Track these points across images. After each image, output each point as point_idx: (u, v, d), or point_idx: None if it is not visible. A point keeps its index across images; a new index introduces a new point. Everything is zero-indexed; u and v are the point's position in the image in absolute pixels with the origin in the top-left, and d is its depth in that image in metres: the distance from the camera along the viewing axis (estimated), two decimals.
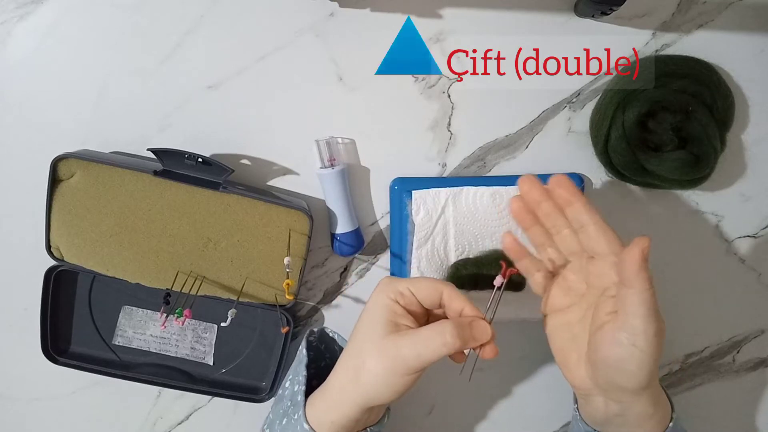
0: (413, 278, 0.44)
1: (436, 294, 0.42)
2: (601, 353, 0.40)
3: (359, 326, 0.43)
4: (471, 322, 0.41)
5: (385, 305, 0.42)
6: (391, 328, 0.41)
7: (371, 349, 0.41)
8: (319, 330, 0.50)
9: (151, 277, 0.52)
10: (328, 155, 0.51)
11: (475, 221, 0.51)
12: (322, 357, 0.51)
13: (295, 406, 0.45)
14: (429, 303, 0.42)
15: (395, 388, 0.40)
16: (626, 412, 0.42)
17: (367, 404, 0.41)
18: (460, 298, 0.42)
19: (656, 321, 0.38)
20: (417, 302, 0.42)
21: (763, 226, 0.56)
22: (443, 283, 0.42)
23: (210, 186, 0.49)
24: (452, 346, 0.39)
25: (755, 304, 0.58)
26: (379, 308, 0.42)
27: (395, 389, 0.40)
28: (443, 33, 0.51)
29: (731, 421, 0.60)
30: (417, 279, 0.43)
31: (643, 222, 0.55)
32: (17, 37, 0.50)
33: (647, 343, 0.38)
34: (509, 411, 0.60)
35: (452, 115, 0.53)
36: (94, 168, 0.49)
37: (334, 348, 0.51)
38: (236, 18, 0.50)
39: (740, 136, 0.54)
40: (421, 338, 0.40)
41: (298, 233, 0.51)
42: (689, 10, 0.51)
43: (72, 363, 0.55)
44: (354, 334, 0.43)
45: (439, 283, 0.42)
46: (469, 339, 0.40)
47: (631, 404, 0.42)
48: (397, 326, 0.41)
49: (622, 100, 0.50)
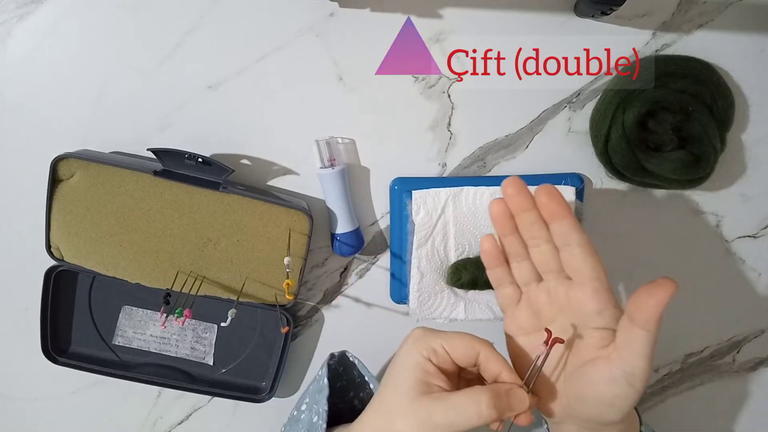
0: (448, 334, 0.40)
1: (472, 353, 0.39)
2: (593, 390, 0.38)
3: (388, 381, 0.40)
4: (509, 390, 0.38)
5: (417, 363, 0.39)
6: (423, 388, 0.38)
7: (401, 411, 0.38)
8: (339, 353, 0.50)
9: (151, 277, 0.52)
10: (328, 155, 0.51)
11: (475, 221, 0.51)
12: (339, 378, 0.51)
13: None
14: (464, 362, 0.39)
15: None
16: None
17: None
18: (498, 360, 0.39)
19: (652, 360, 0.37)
20: (451, 361, 0.39)
21: (763, 226, 0.56)
22: (480, 342, 0.39)
23: (210, 186, 0.49)
24: (487, 417, 0.36)
25: (755, 304, 0.58)
26: (411, 366, 0.39)
27: None
28: (443, 33, 0.51)
29: (731, 421, 0.60)
30: (453, 335, 0.39)
31: (643, 222, 0.55)
32: (17, 37, 0.50)
33: (643, 382, 0.37)
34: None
35: (452, 115, 0.53)
36: (94, 168, 0.49)
37: (353, 372, 0.50)
38: (236, 18, 0.50)
39: (740, 136, 0.54)
40: (455, 406, 0.37)
41: (298, 233, 0.51)
42: (689, 10, 0.51)
43: (72, 363, 0.55)
44: (382, 390, 0.40)
45: (476, 342, 0.39)
46: (506, 410, 0.38)
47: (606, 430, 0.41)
48: (429, 386, 0.38)
49: (622, 100, 0.50)
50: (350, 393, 0.51)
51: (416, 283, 0.52)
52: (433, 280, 0.52)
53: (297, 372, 0.58)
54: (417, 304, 0.53)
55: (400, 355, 0.40)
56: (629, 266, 0.56)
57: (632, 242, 0.56)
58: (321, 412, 0.45)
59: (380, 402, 0.40)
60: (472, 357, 0.39)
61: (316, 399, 0.46)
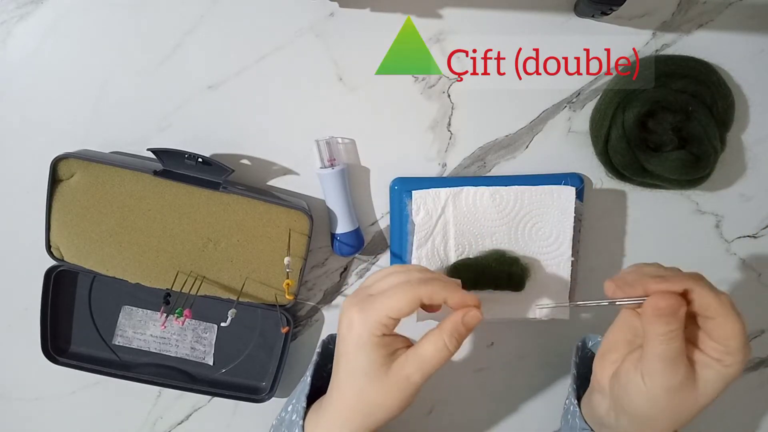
0: (385, 300, 0.40)
1: (416, 303, 0.39)
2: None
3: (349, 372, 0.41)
4: (462, 317, 0.40)
5: (371, 346, 0.40)
6: (389, 360, 0.40)
7: (378, 389, 0.40)
8: (329, 336, 0.51)
9: (151, 277, 0.52)
10: (328, 155, 0.51)
11: (475, 221, 0.51)
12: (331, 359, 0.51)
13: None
14: (414, 310, 0.40)
15: (404, 405, 0.41)
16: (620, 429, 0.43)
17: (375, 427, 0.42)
18: (439, 291, 0.40)
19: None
20: (400, 320, 0.40)
21: (763, 226, 0.56)
22: (414, 286, 0.40)
23: (210, 186, 0.49)
24: (454, 350, 0.40)
25: (755, 304, 0.58)
26: (367, 350, 0.40)
27: (404, 406, 0.41)
28: (443, 33, 0.51)
29: (731, 421, 0.60)
30: (390, 299, 0.40)
31: (644, 222, 0.55)
32: (17, 37, 0.50)
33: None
34: (509, 411, 0.60)
35: (452, 115, 0.53)
36: (94, 168, 0.49)
37: None
38: (236, 18, 0.50)
39: (740, 136, 0.54)
40: (425, 357, 0.40)
41: (298, 233, 0.51)
42: (689, 10, 0.51)
43: (72, 363, 0.55)
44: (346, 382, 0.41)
45: (412, 290, 0.39)
46: (466, 333, 0.40)
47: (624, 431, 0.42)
48: (394, 354, 0.41)
49: (622, 100, 0.50)
50: None
51: None
52: None
53: (297, 372, 0.58)
54: None
55: (351, 344, 0.40)
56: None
57: (632, 242, 0.56)
58: (299, 409, 0.45)
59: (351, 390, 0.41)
60: (417, 305, 0.40)
61: (299, 398, 0.47)
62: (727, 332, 0.37)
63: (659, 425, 0.40)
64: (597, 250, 0.55)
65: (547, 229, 0.52)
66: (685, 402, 0.38)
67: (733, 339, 0.37)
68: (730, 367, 0.37)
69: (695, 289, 0.37)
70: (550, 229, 0.52)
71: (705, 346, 0.38)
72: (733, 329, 0.37)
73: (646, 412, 0.39)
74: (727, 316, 0.37)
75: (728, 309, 0.37)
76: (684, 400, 0.38)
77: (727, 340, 0.37)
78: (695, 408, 0.39)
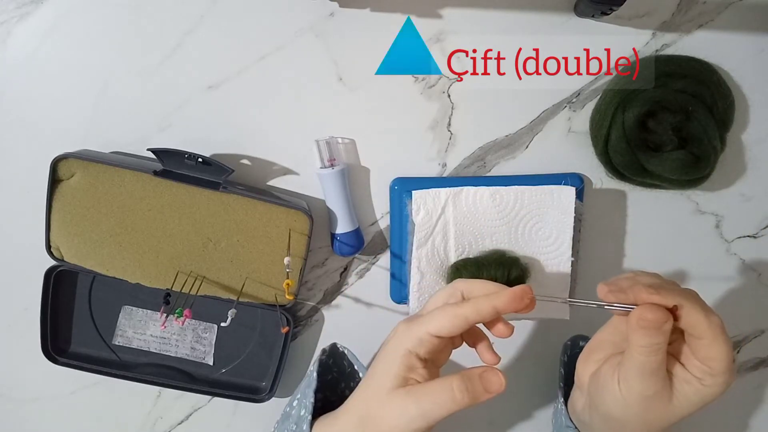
0: (431, 317, 0.39)
1: (459, 322, 0.39)
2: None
3: (371, 373, 0.41)
4: (482, 373, 0.39)
5: (401, 359, 0.39)
6: (400, 382, 0.39)
7: (378, 404, 0.39)
8: (330, 346, 0.50)
9: (151, 277, 0.52)
10: (328, 155, 0.51)
11: (475, 221, 0.51)
12: (330, 371, 0.51)
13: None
14: (456, 332, 0.39)
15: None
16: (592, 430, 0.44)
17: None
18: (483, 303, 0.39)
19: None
20: (440, 340, 0.39)
21: (763, 226, 0.56)
22: (458, 306, 0.39)
23: (210, 186, 0.49)
24: (461, 402, 0.38)
25: (755, 304, 0.58)
26: (395, 361, 0.39)
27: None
28: (443, 33, 0.51)
29: (731, 421, 0.60)
30: (434, 316, 0.39)
31: (644, 222, 0.55)
32: (17, 37, 0.50)
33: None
34: (508, 411, 0.60)
35: (452, 115, 0.53)
36: (94, 168, 0.49)
37: (343, 363, 0.51)
38: (236, 18, 0.50)
39: (740, 136, 0.54)
40: (428, 394, 0.38)
41: (298, 233, 0.51)
42: (689, 10, 0.51)
43: (72, 363, 0.55)
44: (366, 380, 0.42)
45: (454, 309, 0.39)
46: (481, 393, 0.39)
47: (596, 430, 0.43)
48: (407, 381, 0.39)
49: (622, 100, 0.50)
50: (341, 384, 0.51)
51: (416, 283, 0.52)
52: (433, 281, 0.53)
53: (297, 372, 0.58)
54: (417, 305, 0.53)
55: (387, 350, 0.41)
56: (629, 266, 0.56)
57: (632, 242, 0.56)
58: (307, 404, 0.45)
59: (361, 393, 0.41)
60: (462, 326, 0.39)
61: (306, 393, 0.47)
62: (713, 354, 0.36)
63: (630, 429, 0.40)
64: (597, 250, 0.55)
65: (547, 229, 0.52)
66: (657, 412, 0.38)
67: (718, 362, 0.36)
68: (709, 387, 0.37)
69: (686, 306, 0.36)
70: (550, 229, 0.52)
71: (688, 362, 0.38)
72: (719, 352, 0.36)
73: (618, 416, 0.39)
74: (715, 339, 0.36)
75: (717, 332, 0.36)
76: (657, 410, 0.38)
77: (712, 362, 0.37)
78: (667, 420, 0.39)
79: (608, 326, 0.44)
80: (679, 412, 0.38)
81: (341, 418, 0.42)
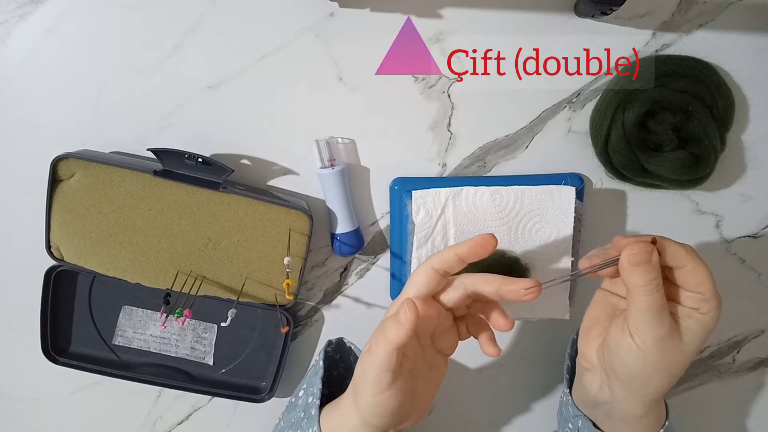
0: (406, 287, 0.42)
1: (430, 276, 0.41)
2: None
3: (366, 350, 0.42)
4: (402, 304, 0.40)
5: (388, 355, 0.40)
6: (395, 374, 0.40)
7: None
8: (337, 340, 0.50)
9: (151, 277, 0.52)
10: (328, 155, 0.51)
11: (475, 221, 0.51)
12: (336, 366, 0.51)
13: (309, 419, 0.44)
14: (433, 287, 0.41)
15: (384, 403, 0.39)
16: (614, 405, 0.43)
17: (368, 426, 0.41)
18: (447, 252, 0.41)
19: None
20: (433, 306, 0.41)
21: (763, 226, 0.56)
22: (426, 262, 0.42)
23: (210, 186, 0.49)
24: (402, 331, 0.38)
25: (755, 304, 0.58)
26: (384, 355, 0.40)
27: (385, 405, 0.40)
28: (443, 33, 0.51)
29: (731, 421, 0.60)
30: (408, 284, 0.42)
31: (644, 222, 0.55)
32: (17, 37, 0.50)
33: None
34: (509, 411, 0.60)
35: (452, 115, 0.53)
36: (94, 168, 0.49)
37: (350, 359, 0.51)
38: (236, 18, 0.50)
39: (740, 136, 0.54)
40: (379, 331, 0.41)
41: (298, 233, 0.51)
42: (689, 10, 0.51)
43: (72, 363, 0.55)
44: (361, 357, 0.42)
45: (424, 265, 0.42)
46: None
47: (621, 400, 0.43)
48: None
49: (622, 100, 0.50)
50: (347, 380, 0.51)
51: None
52: None
53: (297, 372, 0.58)
54: None
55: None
56: None
57: None
58: (315, 391, 0.46)
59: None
60: (433, 277, 0.41)
61: (312, 381, 0.47)
62: (699, 277, 0.40)
63: (653, 384, 0.41)
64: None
65: (547, 229, 0.52)
66: (674, 353, 0.40)
67: (705, 284, 0.40)
68: (707, 314, 0.40)
69: (663, 241, 0.40)
70: (550, 229, 0.52)
71: (682, 298, 0.41)
72: (703, 273, 0.40)
73: (640, 372, 0.41)
74: (696, 262, 0.40)
75: (695, 255, 0.40)
76: (673, 351, 0.40)
77: (701, 286, 0.40)
78: (684, 360, 0.41)
79: (594, 303, 0.46)
80: (690, 349, 0.41)
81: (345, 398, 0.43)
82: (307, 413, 0.45)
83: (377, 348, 0.39)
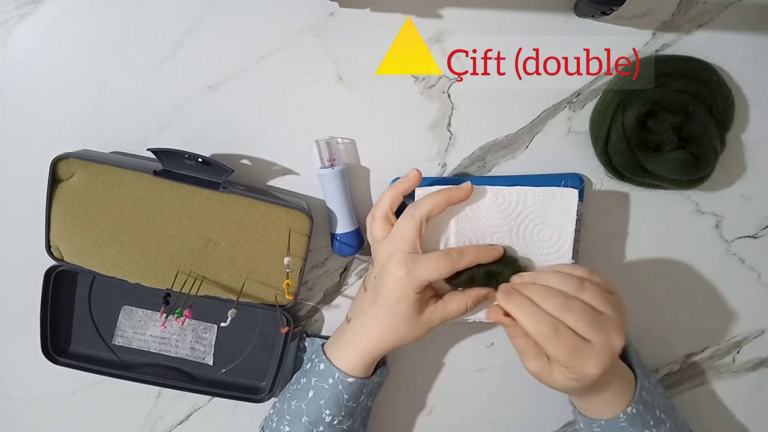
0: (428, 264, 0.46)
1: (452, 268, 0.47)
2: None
3: (390, 309, 0.47)
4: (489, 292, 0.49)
5: (415, 299, 0.47)
6: (423, 307, 0.48)
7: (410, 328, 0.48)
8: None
9: (151, 277, 0.52)
10: (328, 155, 0.51)
11: (476, 221, 0.51)
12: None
13: (317, 356, 0.50)
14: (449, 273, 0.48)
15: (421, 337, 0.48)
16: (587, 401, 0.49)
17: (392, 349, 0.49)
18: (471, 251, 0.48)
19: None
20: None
21: (763, 226, 0.56)
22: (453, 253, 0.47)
23: (210, 186, 0.49)
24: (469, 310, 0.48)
25: (755, 304, 0.58)
26: (411, 301, 0.47)
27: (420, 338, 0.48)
28: (443, 33, 0.51)
29: (731, 421, 0.60)
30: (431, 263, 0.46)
31: (644, 222, 0.55)
32: (17, 37, 0.50)
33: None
34: (509, 411, 0.60)
35: (452, 115, 0.53)
36: (94, 168, 0.49)
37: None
38: (236, 18, 0.50)
39: (740, 136, 0.54)
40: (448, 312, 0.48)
41: (298, 233, 0.51)
42: (689, 10, 0.51)
43: (72, 363, 0.55)
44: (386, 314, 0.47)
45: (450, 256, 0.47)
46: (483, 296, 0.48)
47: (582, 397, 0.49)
48: (427, 301, 0.48)
49: (622, 100, 0.50)
50: None
51: None
52: None
53: (297, 372, 0.57)
54: None
55: (396, 291, 0.47)
56: (629, 266, 0.56)
57: (632, 242, 0.56)
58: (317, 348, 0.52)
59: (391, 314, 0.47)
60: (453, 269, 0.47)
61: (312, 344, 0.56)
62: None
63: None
64: (597, 250, 0.55)
65: (548, 230, 0.51)
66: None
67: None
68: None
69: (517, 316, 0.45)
70: (551, 231, 0.51)
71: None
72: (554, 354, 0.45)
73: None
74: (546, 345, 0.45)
75: (542, 339, 0.44)
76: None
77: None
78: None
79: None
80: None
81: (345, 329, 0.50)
82: (318, 355, 0.50)
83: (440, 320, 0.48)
